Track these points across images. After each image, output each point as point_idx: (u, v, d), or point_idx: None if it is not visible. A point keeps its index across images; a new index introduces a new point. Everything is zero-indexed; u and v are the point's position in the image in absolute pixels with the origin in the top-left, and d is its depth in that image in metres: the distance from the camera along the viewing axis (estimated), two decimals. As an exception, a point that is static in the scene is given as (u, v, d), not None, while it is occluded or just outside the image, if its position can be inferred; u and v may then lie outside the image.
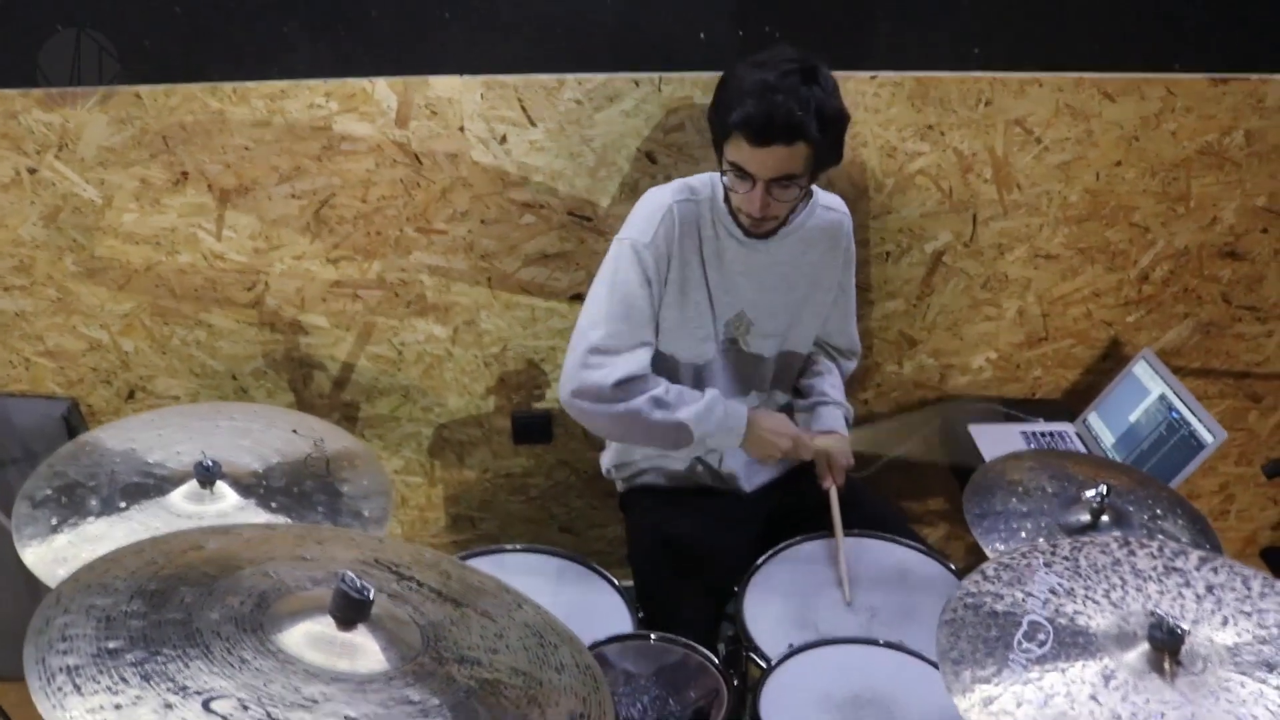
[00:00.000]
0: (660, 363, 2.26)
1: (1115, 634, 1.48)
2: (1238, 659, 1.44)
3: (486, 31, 2.38)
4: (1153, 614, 1.45)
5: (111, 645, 1.19)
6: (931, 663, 1.86)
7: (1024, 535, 1.98)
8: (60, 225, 2.55)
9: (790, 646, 1.90)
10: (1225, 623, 1.50)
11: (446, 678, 1.32)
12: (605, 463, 2.55)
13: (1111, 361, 2.90)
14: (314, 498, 1.86)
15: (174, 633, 1.23)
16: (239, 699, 1.16)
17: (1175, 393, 2.54)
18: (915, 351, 2.87)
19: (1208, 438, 2.42)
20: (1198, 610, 1.52)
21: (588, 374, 2.15)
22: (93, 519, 1.75)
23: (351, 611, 1.31)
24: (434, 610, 1.45)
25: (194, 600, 1.30)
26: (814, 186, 2.30)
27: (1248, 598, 1.54)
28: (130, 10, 2.31)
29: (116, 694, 1.12)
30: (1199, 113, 2.55)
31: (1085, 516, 2.01)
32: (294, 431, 2.01)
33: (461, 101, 2.44)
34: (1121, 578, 1.59)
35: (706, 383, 2.30)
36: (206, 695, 1.15)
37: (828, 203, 2.33)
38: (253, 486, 1.85)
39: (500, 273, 2.66)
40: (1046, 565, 1.62)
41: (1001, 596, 1.57)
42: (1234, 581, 1.57)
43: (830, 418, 2.39)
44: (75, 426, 2.77)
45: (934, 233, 2.68)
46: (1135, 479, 2.18)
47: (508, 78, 2.43)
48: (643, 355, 2.18)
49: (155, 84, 2.40)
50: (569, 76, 2.44)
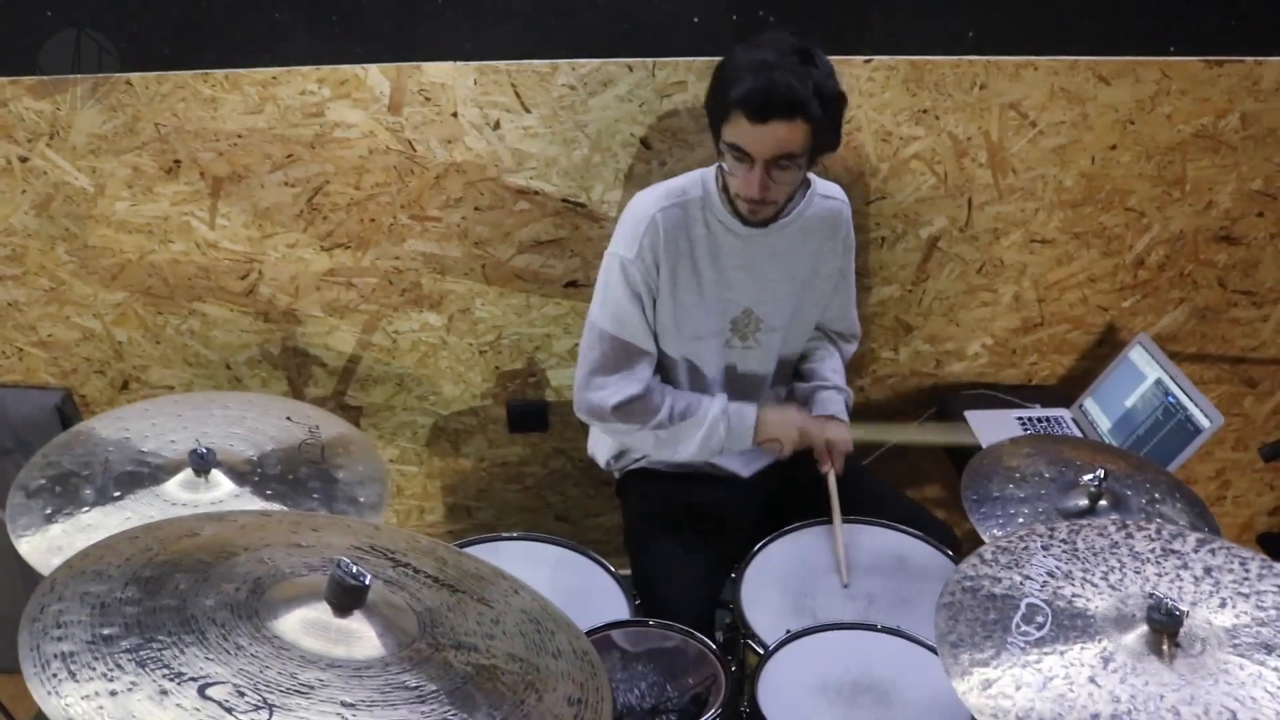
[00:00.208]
0: (665, 364, 2.30)
1: (1113, 616, 1.48)
2: (1236, 641, 1.44)
3: (479, 17, 2.36)
4: (1151, 596, 1.45)
5: (106, 632, 1.19)
6: (930, 647, 1.86)
7: (1021, 521, 1.98)
8: (52, 214, 2.54)
9: (788, 632, 1.90)
10: (1223, 605, 1.50)
11: (443, 663, 1.32)
12: (600, 454, 2.55)
13: (1107, 347, 2.89)
14: (309, 484, 1.85)
15: (169, 619, 1.23)
16: (235, 685, 1.16)
17: (1171, 377, 2.54)
18: (911, 338, 2.87)
19: (1204, 422, 2.42)
20: (1196, 592, 1.52)
21: (590, 396, 2.26)
22: (87, 509, 1.74)
23: (347, 598, 1.30)
24: (430, 596, 1.44)
25: (189, 587, 1.29)
26: (812, 175, 2.29)
27: (1246, 579, 1.54)
28: (120, -3, 2.30)
29: (112, 680, 1.12)
30: (1194, 95, 2.54)
31: (1083, 501, 2.01)
32: (288, 419, 2.01)
33: (454, 87, 2.43)
34: (1119, 560, 1.59)
35: (709, 383, 2.32)
36: (202, 681, 1.15)
37: (826, 191, 2.32)
38: (247, 474, 1.85)
39: (494, 260, 2.65)
40: (1044, 548, 1.62)
41: (999, 580, 1.57)
42: (1232, 563, 1.57)
43: (830, 403, 2.39)
44: (69, 417, 2.76)
45: (929, 218, 2.68)
46: (1133, 463, 2.18)
47: (501, 63, 2.42)
48: (642, 371, 2.24)
49: (146, 71, 2.38)
50: (562, 62, 2.42)
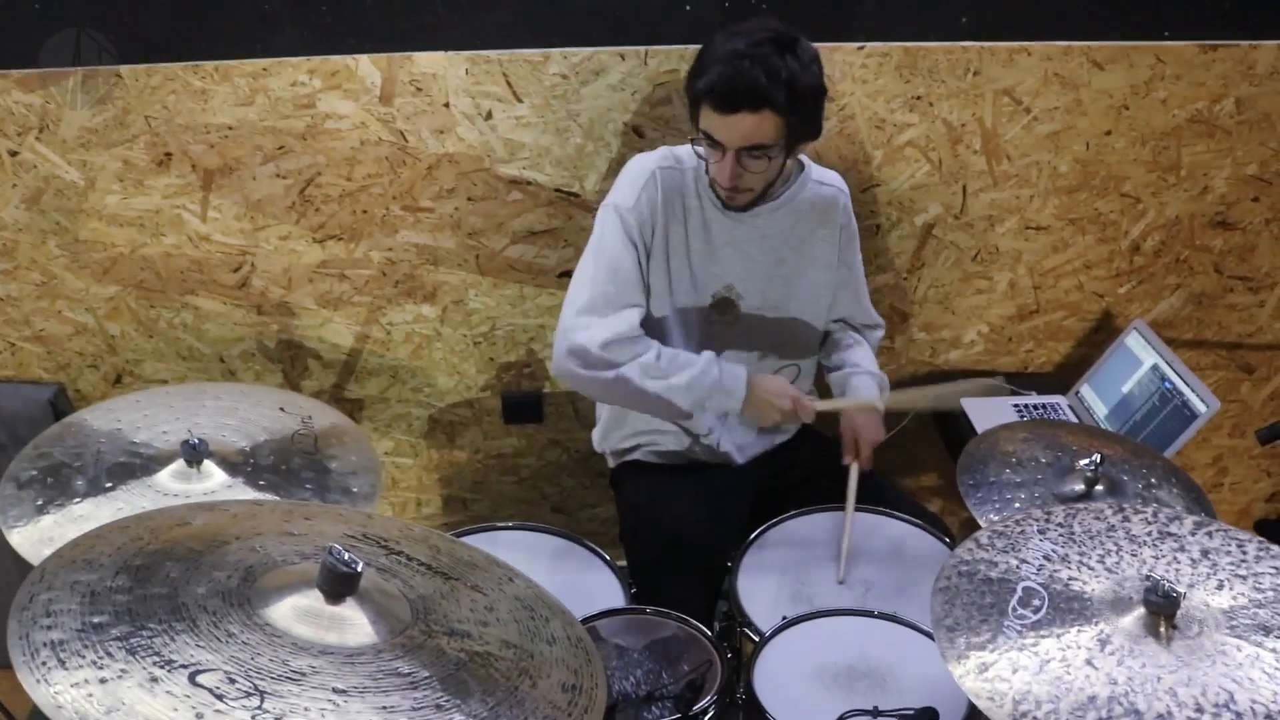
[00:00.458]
0: (651, 325, 2.24)
1: (1110, 599, 1.47)
2: (1233, 622, 1.43)
3: (470, 6, 2.35)
4: (1148, 578, 1.44)
5: (96, 620, 1.18)
6: (926, 633, 1.85)
7: (1018, 505, 1.97)
8: (43, 208, 2.52)
9: (784, 618, 1.90)
10: (1220, 586, 1.49)
11: (436, 650, 1.31)
12: (596, 439, 2.54)
13: (1103, 334, 2.89)
14: (302, 475, 1.84)
15: (160, 607, 1.22)
16: (226, 672, 1.15)
17: (1168, 363, 2.53)
18: (907, 326, 2.86)
19: (1201, 407, 2.41)
20: (1193, 574, 1.52)
21: (576, 336, 2.13)
22: (79, 500, 1.73)
23: (339, 585, 1.29)
24: (423, 584, 1.44)
25: (180, 575, 1.29)
26: (808, 160, 2.28)
27: (1243, 561, 1.53)
28: (109, -12, 2.29)
29: (101, 668, 1.11)
30: (1189, 80, 2.54)
31: (1079, 486, 2.00)
32: (281, 409, 2.00)
33: (446, 77, 2.42)
34: (1116, 543, 1.58)
35: (698, 348, 2.27)
36: (193, 669, 1.14)
37: (821, 177, 2.31)
38: (240, 465, 1.84)
39: (488, 251, 2.64)
40: (1040, 532, 1.61)
41: (996, 563, 1.56)
42: (1229, 546, 1.57)
43: (863, 386, 2.34)
44: (62, 411, 2.74)
45: (924, 205, 2.67)
46: (1129, 448, 2.17)
47: (492, 53, 2.41)
48: (631, 316, 2.15)
49: (136, 63, 2.37)
50: (554, 51, 2.41)
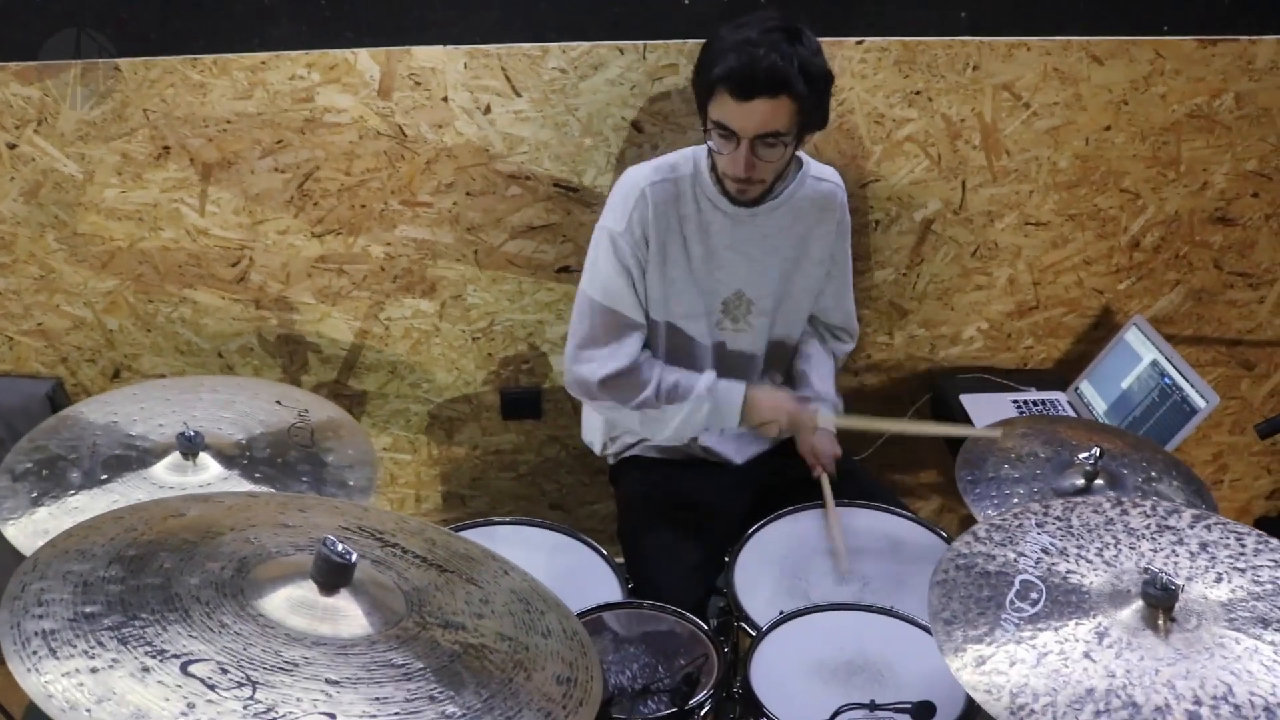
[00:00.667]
0: (656, 335, 2.28)
1: (1109, 592, 1.47)
2: (1232, 615, 1.42)
3: (469, 0, 2.35)
4: (1146, 570, 1.44)
5: (89, 610, 1.17)
6: (924, 627, 1.85)
7: (1016, 501, 1.96)
8: (41, 201, 2.52)
9: (781, 613, 1.89)
10: (1219, 579, 1.48)
11: (430, 642, 1.30)
12: (595, 439, 2.53)
13: (1103, 330, 2.88)
14: (298, 468, 1.84)
15: (152, 597, 1.22)
16: (218, 662, 1.15)
17: (1167, 358, 2.53)
18: (906, 322, 2.85)
19: (1200, 402, 2.40)
20: (1191, 567, 1.51)
21: (578, 369, 2.25)
22: (74, 492, 1.73)
23: (334, 576, 1.29)
24: (418, 576, 1.43)
25: (173, 566, 1.28)
26: (804, 156, 2.28)
27: (1242, 554, 1.52)
28: (107, -19, 2.29)
29: (93, 658, 1.11)
30: (1188, 75, 2.53)
31: (1079, 480, 1.99)
32: (278, 402, 1.99)
33: (445, 72, 2.42)
34: (1114, 536, 1.57)
35: (700, 355, 2.30)
36: (185, 659, 1.14)
37: (819, 173, 2.30)
38: (236, 457, 1.83)
39: (487, 246, 2.64)
40: (1039, 525, 1.60)
41: (993, 557, 1.55)
42: (1228, 539, 1.56)
43: (819, 403, 2.36)
44: (60, 406, 2.73)
45: (923, 200, 2.66)
46: (1129, 443, 2.17)
47: (491, 47, 2.40)
48: (630, 345, 2.22)
49: (134, 56, 2.37)
50: (553, 45, 2.41)
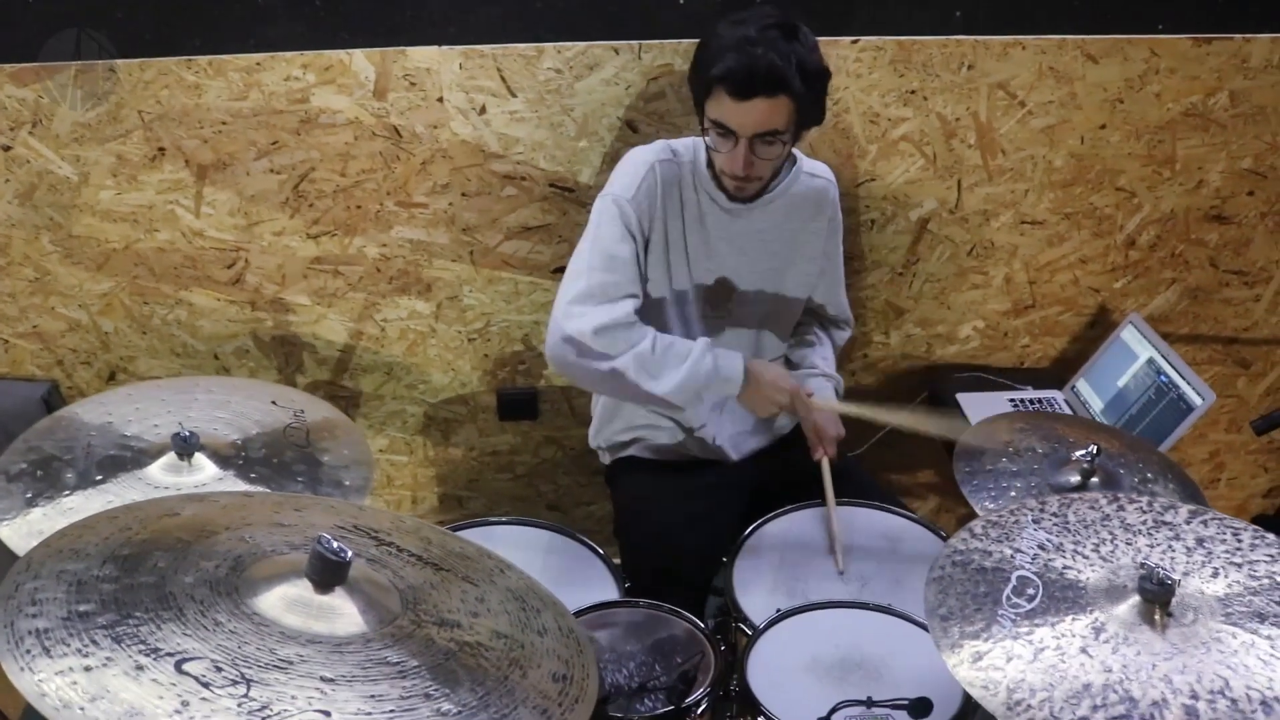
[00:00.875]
0: (648, 316, 2.21)
1: (1105, 587, 1.47)
2: (1228, 610, 1.42)
3: (464, 0, 2.35)
4: (1143, 566, 1.44)
5: (82, 608, 1.17)
6: (921, 625, 1.84)
7: (1013, 495, 1.96)
8: (36, 203, 2.52)
9: (778, 611, 1.89)
10: (1215, 574, 1.48)
11: (426, 640, 1.30)
12: (591, 434, 2.53)
13: (1099, 329, 2.88)
14: (294, 468, 1.83)
15: (146, 596, 1.21)
16: (212, 660, 1.14)
17: (1163, 356, 2.53)
18: (902, 321, 2.85)
19: (1197, 400, 2.40)
20: (1188, 563, 1.51)
21: (569, 323, 2.11)
22: (68, 492, 1.72)
23: (328, 574, 1.28)
24: (414, 575, 1.43)
25: (168, 565, 1.28)
26: (798, 153, 2.28)
27: (1238, 550, 1.52)
28: (102, -18, 2.29)
29: (87, 656, 1.11)
30: (1183, 74, 2.53)
31: (1075, 477, 1.99)
32: (273, 403, 1.99)
33: (440, 72, 2.41)
34: (1111, 532, 1.57)
35: (693, 335, 2.27)
36: (179, 657, 1.13)
37: (812, 169, 2.31)
38: (231, 458, 1.83)
39: (482, 246, 2.63)
40: (1035, 521, 1.60)
41: (990, 553, 1.55)
42: (1224, 534, 1.55)
43: (820, 389, 2.37)
44: (55, 408, 2.70)
45: (919, 199, 2.66)
46: (1125, 442, 2.16)
47: (486, 47, 2.40)
48: (626, 305, 2.13)
49: (129, 58, 2.36)
50: (548, 45, 2.41)
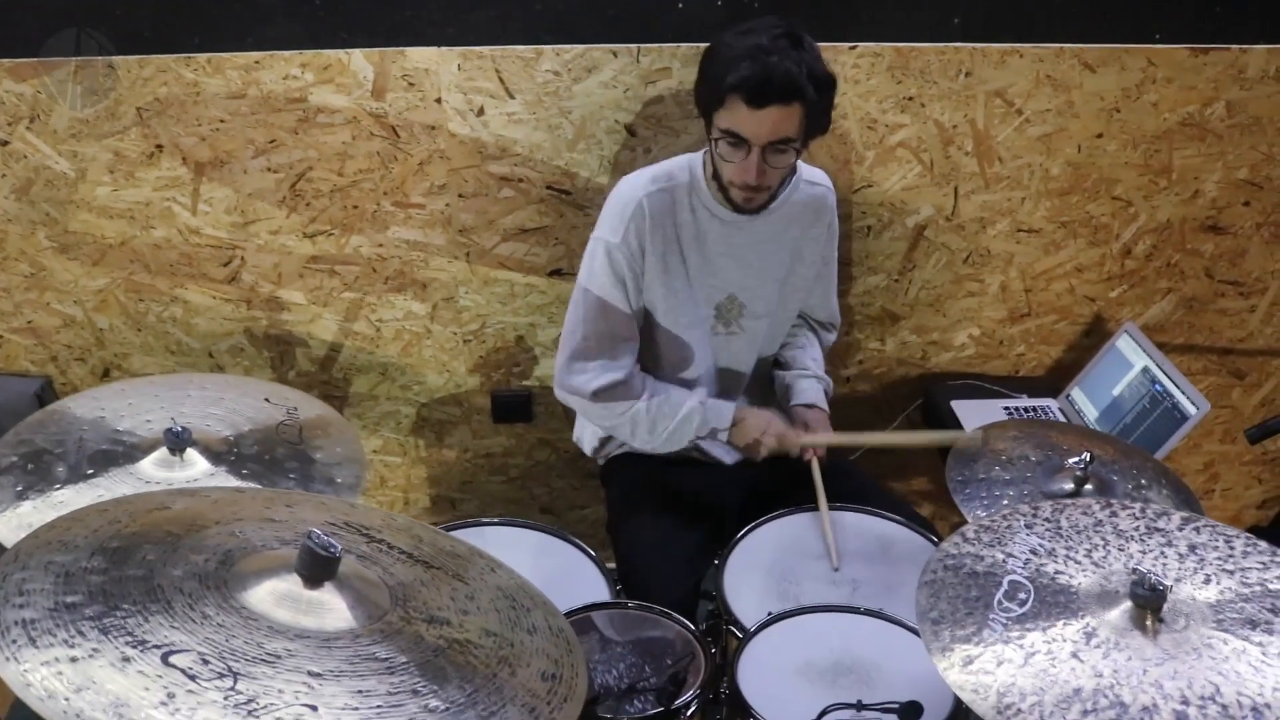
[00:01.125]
0: (654, 343, 2.30)
1: (1097, 593, 1.47)
2: (1220, 616, 1.42)
3: (463, 1, 2.35)
4: (1135, 571, 1.44)
5: (70, 600, 1.17)
6: (912, 629, 1.84)
7: (1006, 503, 1.96)
8: (32, 199, 2.51)
9: (770, 614, 1.88)
10: (1208, 581, 1.48)
11: (415, 636, 1.30)
12: (586, 440, 2.52)
13: (1095, 338, 2.88)
14: (286, 465, 1.83)
15: (134, 588, 1.21)
16: (199, 653, 1.14)
17: (1158, 365, 2.53)
18: (898, 328, 2.85)
19: (1191, 409, 2.40)
20: (1180, 569, 1.51)
21: (571, 379, 2.26)
22: (59, 486, 1.72)
23: (318, 569, 1.29)
24: (404, 572, 1.43)
25: (157, 558, 1.28)
26: (798, 160, 2.28)
27: (1230, 556, 1.52)
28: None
29: (73, 647, 1.10)
30: (1180, 83, 2.53)
31: (1069, 485, 1.99)
32: (266, 400, 1.98)
33: (438, 73, 2.41)
34: (1103, 538, 1.57)
35: (698, 360, 2.31)
36: (166, 649, 1.13)
37: (811, 177, 2.31)
38: (223, 454, 1.82)
39: (479, 248, 2.63)
40: (1027, 527, 1.60)
41: (982, 557, 1.55)
42: (1216, 541, 1.56)
43: (810, 391, 2.39)
44: (49, 404, 2.72)
45: (915, 206, 2.66)
46: (1119, 449, 2.16)
47: (484, 48, 2.40)
48: (624, 358, 2.25)
49: (128, 54, 2.36)
50: (546, 47, 2.41)
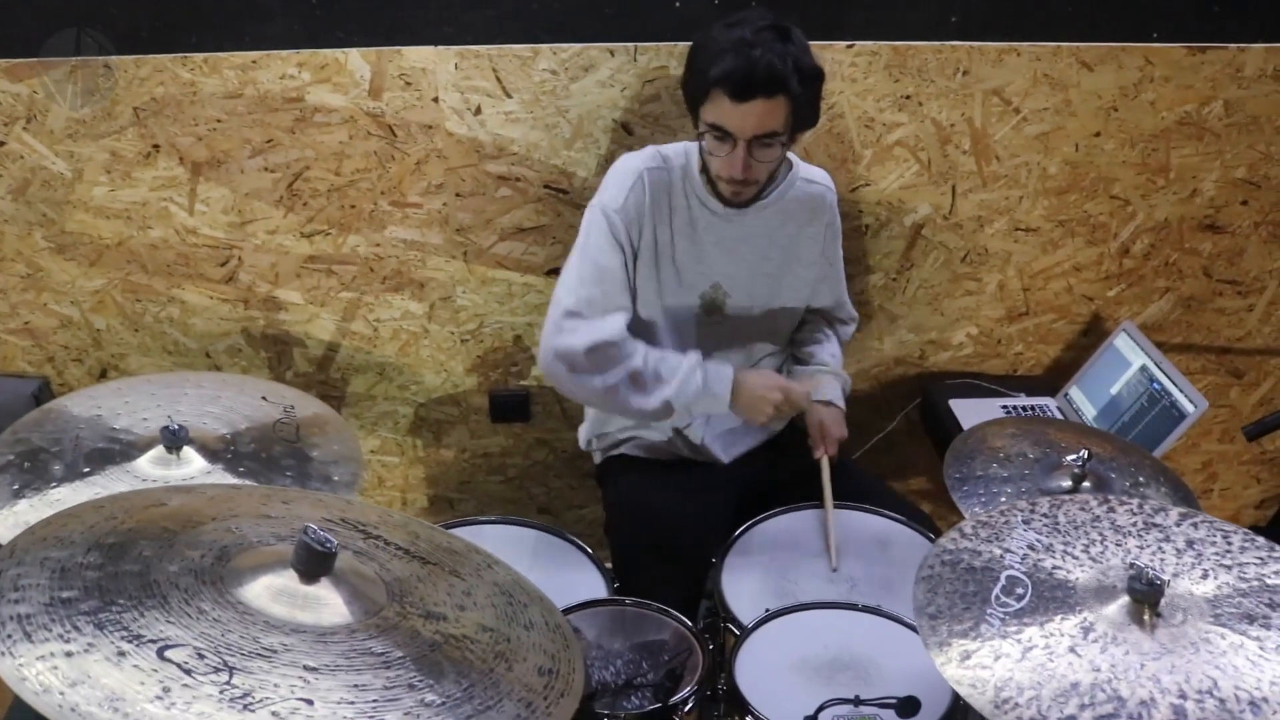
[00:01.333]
0: (640, 325, 2.24)
1: (1094, 588, 1.46)
2: (1217, 611, 1.42)
3: (460, 1, 2.35)
4: (1132, 566, 1.43)
5: (65, 595, 1.16)
6: (910, 626, 1.84)
7: (1004, 500, 1.96)
8: (29, 199, 2.51)
9: (767, 611, 1.88)
10: (1205, 576, 1.48)
11: (411, 631, 1.30)
12: (583, 434, 2.52)
13: (1093, 337, 2.88)
14: (283, 463, 1.83)
15: (130, 584, 1.21)
16: (195, 648, 1.14)
17: (1156, 364, 2.53)
18: (896, 327, 2.85)
19: (1189, 407, 2.40)
20: (1178, 564, 1.50)
21: (562, 339, 2.14)
22: (55, 484, 1.71)
23: (314, 564, 1.28)
24: (400, 567, 1.43)
25: (153, 553, 1.27)
26: (794, 158, 2.28)
27: (1228, 552, 1.52)
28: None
29: (68, 642, 1.10)
30: (1177, 82, 2.54)
31: (1066, 482, 1.98)
32: (263, 398, 1.98)
33: (435, 72, 2.41)
34: (1101, 534, 1.57)
35: (687, 346, 2.26)
36: (161, 644, 1.13)
37: (809, 175, 2.31)
38: (220, 452, 1.82)
39: (476, 247, 2.63)
40: (1025, 522, 1.60)
41: (979, 553, 1.55)
42: (1214, 536, 1.55)
43: (828, 387, 2.36)
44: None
45: (913, 205, 2.66)
46: (1117, 447, 2.16)
47: (481, 48, 2.40)
48: (617, 320, 2.16)
49: (125, 54, 2.36)
50: (543, 46, 2.41)
